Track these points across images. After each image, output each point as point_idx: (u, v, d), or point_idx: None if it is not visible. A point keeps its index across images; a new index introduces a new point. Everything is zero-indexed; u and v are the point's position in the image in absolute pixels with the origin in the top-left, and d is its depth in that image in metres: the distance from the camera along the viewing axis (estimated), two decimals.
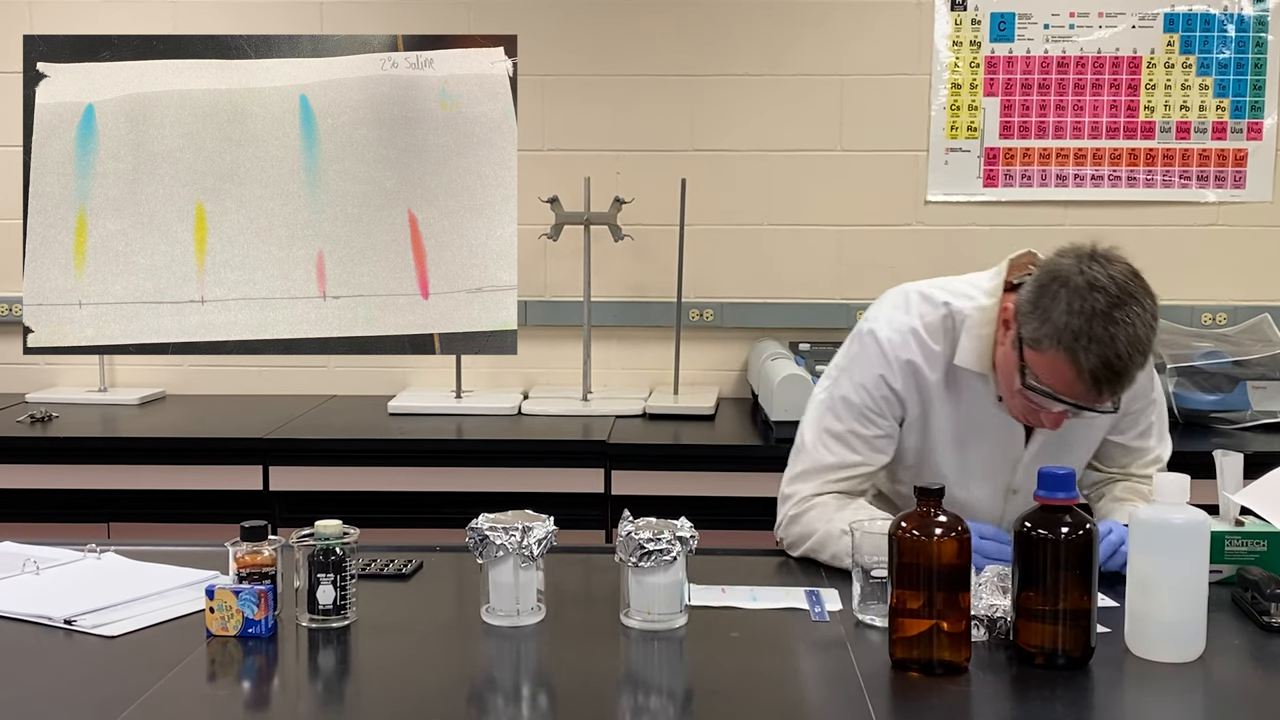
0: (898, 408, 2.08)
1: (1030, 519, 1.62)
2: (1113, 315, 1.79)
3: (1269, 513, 1.85)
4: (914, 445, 2.11)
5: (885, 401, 2.07)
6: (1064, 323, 1.81)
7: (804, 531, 2.06)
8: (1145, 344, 1.82)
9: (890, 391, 2.06)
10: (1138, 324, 1.80)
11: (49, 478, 3.16)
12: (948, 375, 2.06)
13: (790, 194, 3.66)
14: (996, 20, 3.59)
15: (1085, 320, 1.80)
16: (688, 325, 3.64)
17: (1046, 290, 1.85)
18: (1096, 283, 1.81)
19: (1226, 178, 3.60)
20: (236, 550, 1.75)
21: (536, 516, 1.78)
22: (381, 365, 3.71)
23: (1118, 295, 1.80)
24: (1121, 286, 1.81)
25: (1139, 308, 1.81)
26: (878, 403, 2.07)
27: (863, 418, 2.07)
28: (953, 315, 2.04)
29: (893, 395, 2.06)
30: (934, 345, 2.05)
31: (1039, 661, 1.60)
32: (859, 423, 2.08)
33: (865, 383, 2.07)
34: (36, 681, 1.60)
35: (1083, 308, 1.80)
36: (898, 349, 2.05)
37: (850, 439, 2.08)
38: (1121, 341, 1.79)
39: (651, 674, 1.66)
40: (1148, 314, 1.82)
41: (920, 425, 2.09)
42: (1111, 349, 1.79)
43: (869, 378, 2.06)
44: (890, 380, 2.05)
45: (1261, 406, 3.23)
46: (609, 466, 3.09)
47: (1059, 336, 1.82)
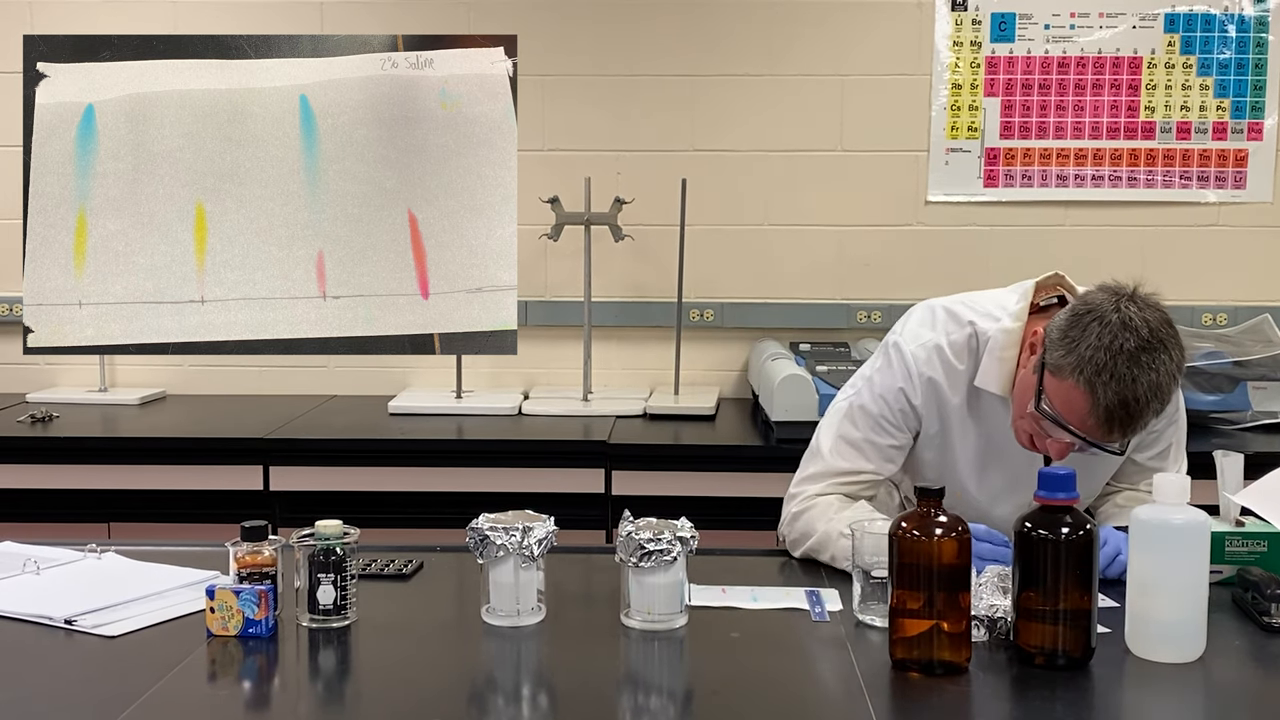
0: (915, 421, 2.09)
1: (1030, 519, 1.62)
2: (1139, 358, 1.79)
3: (1269, 513, 1.85)
4: (933, 461, 2.11)
5: (903, 414, 2.08)
6: (1089, 355, 1.80)
7: (805, 530, 2.07)
8: (1165, 393, 1.82)
9: (909, 405, 2.07)
10: (1161, 372, 1.80)
11: (49, 478, 3.15)
12: (970, 395, 2.06)
13: (791, 194, 3.66)
14: (997, 20, 3.59)
15: (1110, 357, 1.79)
16: (688, 325, 3.63)
17: (1079, 321, 1.84)
18: (1130, 323, 1.80)
19: (1227, 178, 3.60)
20: (237, 550, 1.75)
21: (537, 516, 1.78)
22: (381, 365, 3.71)
23: (1148, 339, 1.80)
24: (1154, 331, 1.81)
25: (1166, 356, 1.81)
26: (895, 415, 2.08)
27: (879, 428, 2.08)
28: (977, 335, 2.04)
29: (910, 409, 2.07)
30: (958, 364, 2.05)
31: (1039, 662, 1.60)
32: (875, 432, 2.09)
33: (885, 394, 2.08)
34: (37, 681, 1.60)
35: (1111, 344, 1.80)
36: (921, 365, 2.05)
37: (865, 447, 2.09)
38: (1142, 385, 1.79)
39: (652, 674, 1.66)
40: (1173, 364, 1.82)
41: (940, 442, 2.10)
42: (1131, 390, 1.79)
43: (890, 390, 2.08)
44: (910, 395, 2.06)
45: (1262, 407, 3.22)
46: (609, 467, 3.09)
47: (1081, 368, 1.81)
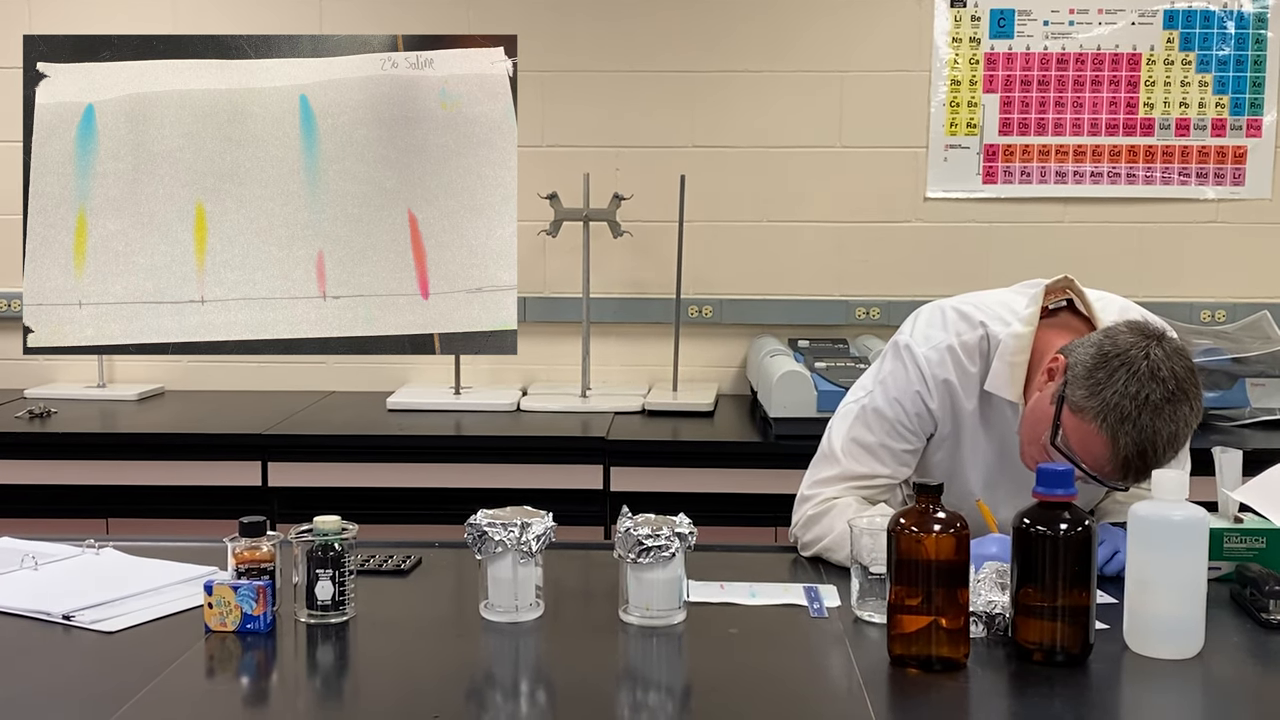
0: (930, 425, 2.07)
1: (1029, 515, 1.62)
2: (1163, 410, 1.77)
3: (1268, 510, 1.85)
4: (943, 462, 2.10)
5: (919, 418, 2.05)
6: (1115, 403, 1.78)
7: (821, 532, 2.05)
8: (1181, 442, 1.81)
9: (925, 409, 2.05)
10: (1181, 425, 1.79)
11: (48, 473, 3.16)
12: (981, 398, 2.04)
13: (790, 190, 3.65)
14: (996, 17, 3.59)
15: (1136, 407, 1.77)
16: (687, 322, 3.63)
17: (1106, 363, 1.81)
18: (1158, 373, 1.78)
19: (1226, 174, 3.60)
20: (235, 546, 1.75)
21: (535, 513, 1.78)
22: (380, 361, 3.70)
23: (1175, 391, 1.78)
24: (1181, 382, 1.79)
25: (1188, 409, 1.80)
26: (911, 419, 2.05)
27: (894, 432, 2.07)
28: (989, 337, 2.03)
29: (927, 413, 2.05)
30: (970, 367, 2.03)
31: (1037, 658, 1.60)
32: (890, 437, 2.07)
33: (901, 398, 2.05)
34: (35, 677, 1.60)
35: (1138, 394, 1.77)
36: (935, 367, 2.03)
37: (880, 451, 2.07)
38: (1163, 437, 1.78)
39: (650, 670, 1.66)
40: (1194, 415, 1.81)
41: (951, 444, 2.08)
42: (1151, 443, 1.78)
43: (905, 393, 2.05)
44: (926, 399, 2.04)
45: (1260, 404, 3.22)
46: (608, 463, 3.09)
47: (1105, 414, 1.78)
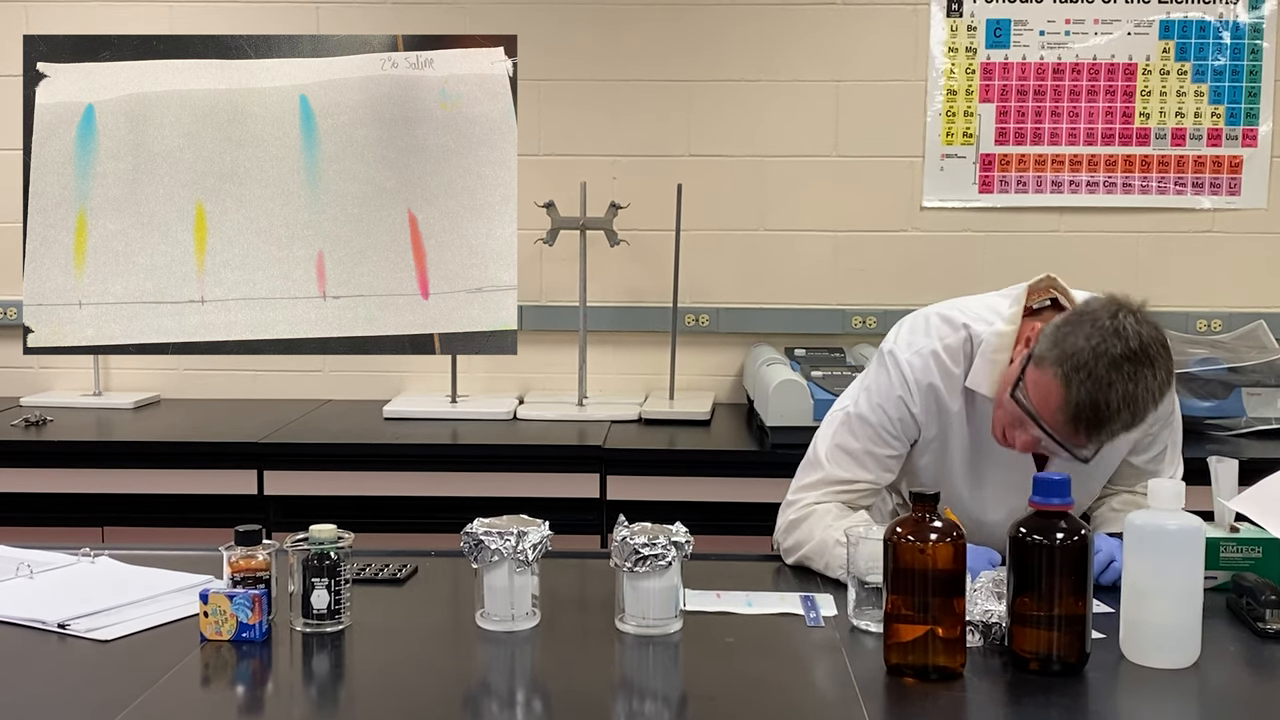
0: (914, 430, 2.08)
1: (1025, 524, 1.62)
2: (1121, 365, 1.77)
3: (1264, 519, 1.85)
4: (929, 466, 2.11)
5: (902, 424, 2.06)
6: (1072, 351, 1.80)
7: (801, 538, 2.06)
8: (1139, 407, 1.80)
9: (909, 414, 2.06)
10: (1140, 386, 1.78)
11: (43, 481, 3.15)
12: (966, 399, 2.05)
13: (786, 199, 3.66)
14: (992, 26, 3.59)
15: (1094, 358, 1.78)
16: (683, 330, 3.63)
17: (1074, 320, 1.84)
18: (1122, 331, 1.79)
19: (1222, 184, 3.61)
20: (231, 554, 1.75)
21: (532, 521, 1.78)
22: (377, 369, 3.70)
23: (1136, 351, 1.78)
24: (1145, 345, 1.79)
25: (1150, 373, 1.79)
26: (895, 424, 2.06)
27: (878, 438, 2.07)
28: (971, 339, 2.03)
29: (910, 418, 2.06)
30: (954, 368, 2.04)
31: (1034, 667, 1.60)
32: (874, 443, 2.08)
33: (884, 404, 2.06)
34: (30, 686, 1.60)
35: (1097, 347, 1.78)
36: (918, 372, 2.04)
37: (864, 458, 2.08)
38: (1117, 392, 1.78)
39: (646, 679, 1.66)
40: (1155, 383, 1.80)
41: (937, 448, 2.09)
42: (1104, 394, 1.78)
43: (889, 399, 2.06)
44: (909, 404, 2.05)
45: (1256, 413, 3.22)
46: (604, 471, 3.09)
47: (1062, 361, 1.80)
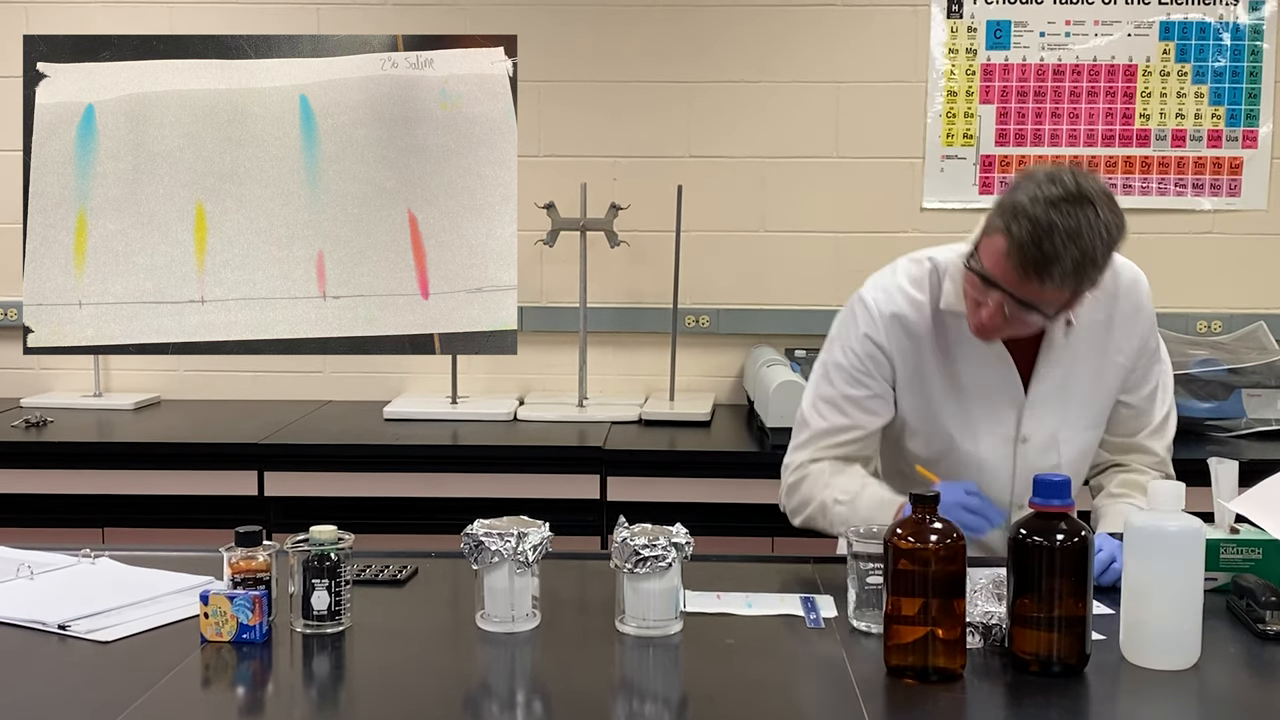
0: (886, 367, 2.09)
1: (1025, 526, 1.62)
2: (1060, 206, 1.81)
3: (1264, 520, 1.85)
4: (914, 405, 2.11)
5: (872, 360, 2.08)
6: (1012, 202, 1.85)
7: (802, 500, 2.10)
8: (1086, 243, 1.82)
9: (877, 349, 2.07)
10: (1083, 223, 1.81)
11: (44, 482, 3.15)
12: (936, 323, 2.07)
13: (786, 200, 3.66)
14: (993, 28, 3.60)
15: (1031, 202, 1.82)
16: (684, 331, 3.63)
17: (1015, 185, 1.89)
18: (1059, 179, 1.84)
19: (1222, 186, 3.61)
20: (231, 555, 1.75)
21: (532, 522, 1.78)
22: (377, 370, 3.70)
23: (1074, 193, 1.82)
24: (1082, 189, 1.83)
25: (1091, 211, 1.82)
26: (864, 362, 2.08)
27: (852, 380, 2.09)
28: (937, 268, 2.08)
29: (879, 353, 2.08)
30: (918, 295, 2.07)
31: (1034, 669, 1.60)
32: (849, 385, 2.09)
33: (852, 344, 2.09)
34: (30, 687, 1.59)
35: (1035, 194, 1.83)
36: (882, 305, 2.07)
37: (841, 403, 2.10)
38: (1059, 230, 1.80)
39: (646, 680, 1.66)
40: (1100, 221, 1.82)
41: (916, 382, 2.09)
42: (1046, 233, 1.81)
43: (856, 338, 2.09)
44: (875, 337, 2.07)
45: (1256, 414, 3.23)
46: (604, 472, 3.09)
47: (1002, 212, 1.86)
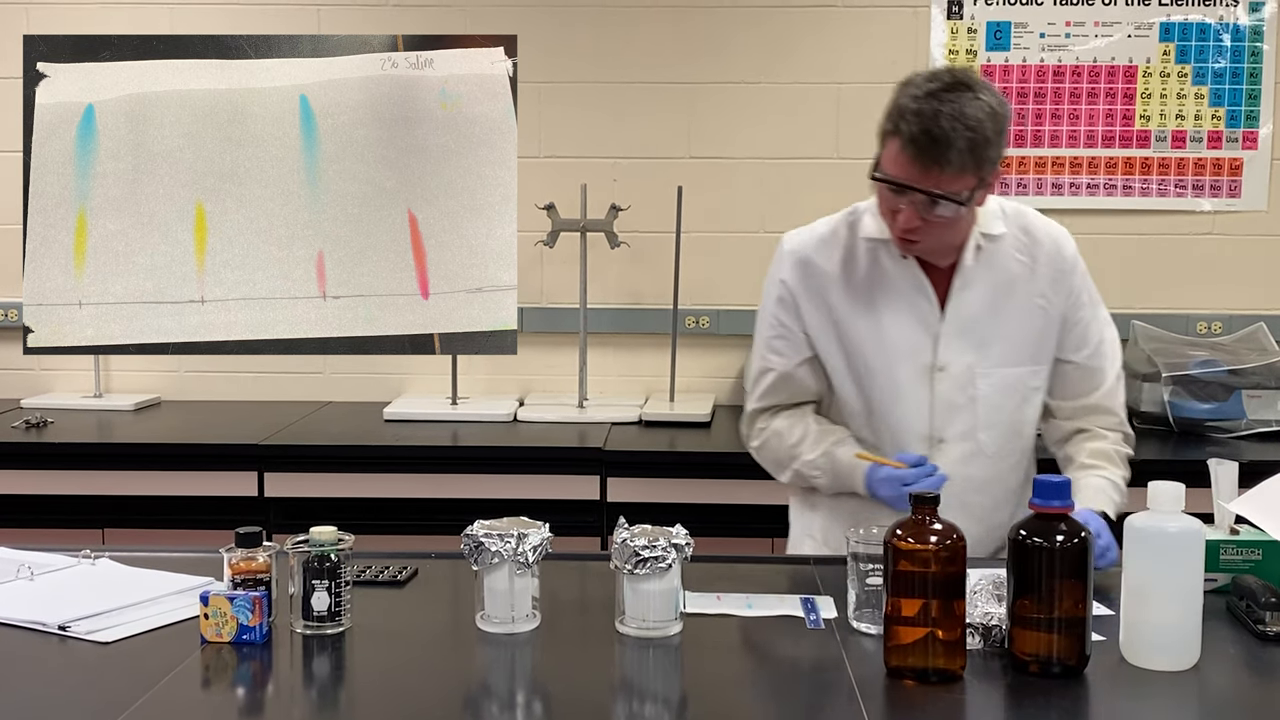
0: (794, 309, 2.17)
1: (1025, 527, 1.62)
2: (939, 95, 1.92)
3: (1264, 521, 1.85)
4: (837, 350, 2.16)
5: (781, 302, 2.19)
6: (896, 105, 1.95)
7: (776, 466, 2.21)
8: (972, 122, 1.91)
9: (786, 290, 2.17)
10: (966, 104, 1.91)
11: (44, 483, 3.15)
12: (846, 258, 2.15)
13: (787, 201, 3.65)
14: (993, 29, 3.60)
15: (913, 99, 1.94)
16: (684, 332, 3.64)
17: (896, 90, 1.98)
18: (936, 75, 1.96)
19: (1222, 187, 3.61)
20: (231, 556, 1.75)
21: (532, 523, 1.78)
22: (377, 371, 3.70)
23: (949, 82, 1.94)
24: (958, 78, 1.95)
25: (970, 95, 1.93)
26: (775, 303, 2.19)
27: (775, 322, 2.20)
28: (856, 211, 2.17)
29: (788, 293, 2.17)
30: (833, 236, 2.17)
31: (1034, 670, 1.60)
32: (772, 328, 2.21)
33: (769, 288, 2.22)
34: (31, 688, 1.60)
35: (916, 93, 1.94)
36: (791, 245, 2.20)
37: (774, 343, 2.21)
38: (945, 115, 1.91)
39: (646, 681, 1.66)
40: (982, 101, 1.93)
41: (829, 325, 2.16)
42: (933, 119, 1.91)
43: (771, 281, 2.22)
44: (784, 277, 2.18)
45: (1256, 415, 3.23)
46: (605, 473, 3.09)
47: (890, 116, 1.96)
